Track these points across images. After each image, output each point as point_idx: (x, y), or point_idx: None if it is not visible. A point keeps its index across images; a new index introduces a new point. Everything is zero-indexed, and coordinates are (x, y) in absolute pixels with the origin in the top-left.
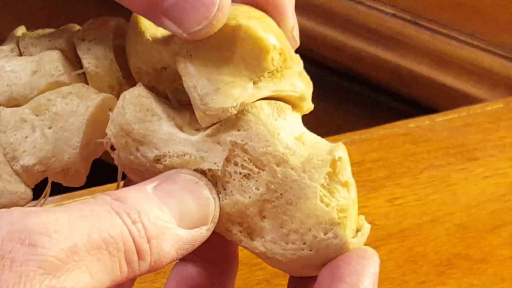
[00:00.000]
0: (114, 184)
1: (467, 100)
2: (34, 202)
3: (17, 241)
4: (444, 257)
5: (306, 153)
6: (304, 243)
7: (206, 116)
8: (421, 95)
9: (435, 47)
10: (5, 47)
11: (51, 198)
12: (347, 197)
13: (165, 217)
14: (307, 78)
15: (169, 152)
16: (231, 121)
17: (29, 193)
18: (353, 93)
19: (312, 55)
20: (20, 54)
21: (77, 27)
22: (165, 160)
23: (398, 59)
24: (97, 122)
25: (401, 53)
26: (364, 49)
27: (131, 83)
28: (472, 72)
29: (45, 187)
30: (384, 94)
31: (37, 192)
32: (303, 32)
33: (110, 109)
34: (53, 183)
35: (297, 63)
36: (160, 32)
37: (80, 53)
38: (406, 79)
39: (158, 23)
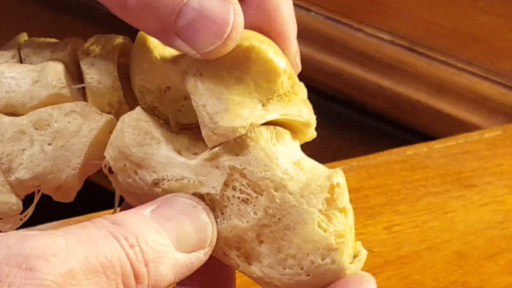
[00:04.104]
0: (112, 210)
1: (465, 127)
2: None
3: (14, 265)
4: (442, 285)
5: (304, 178)
6: (302, 268)
7: (214, 135)
8: (419, 122)
9: (432, 74)
10: (6, 53)
11: (49, 224)
12: (344, 223)
13: (163, 241)
14: (310, 105)
15: (167, 175)
16: (230, 145)
17: (20, 204)
18: (350, 120)
19: (310, 82)
20: (21, 61)
21: (81, 40)
22: (164, 184)
23: (396, 86)
24: (98, 143)
25: (398, 80)
26: (362, 76)
27: (131, 102)
28: (469, 99)
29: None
30: (382, 121)
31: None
32: (300, 59)
33: (111, 131)
34: (45, 198)
35: (302, 90)
36: (168, 50)
37: (83, 67)
38: (404, 106)
39: (170, 44)
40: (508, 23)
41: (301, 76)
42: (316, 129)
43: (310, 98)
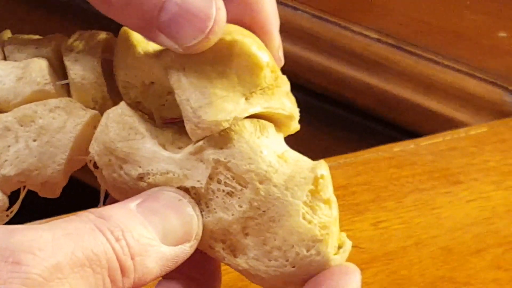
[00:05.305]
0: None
1: (451, 124)
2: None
3: (0, 259)
4: (429, 280)
5: (288, 170)
6: (287, 260)
7: (198, 129)
8: (406, 119)
9: (419, 71)
10: None
11: (36, 222)
12: (329, 214)
13: (149, 234)
14: (293, 98)
15: (152, 170)
16: (214, 139)
17: (6, 201)
18: (337, 118)
19: (296, 80)
20: (5, 59)
21: (64, 37)
22: (149, 178)
23: (383, 84)
24: (83, 139)
25: (385, 77)
26: (349, 74)
27: (115, 98)
28: (456, 96)
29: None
30: (369, 118)
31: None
32: (288, 57)
33: (96, 126)
34: (30, 195)
35: (285, 83)
36: (151, 45)
37: (67, 64)
38: (391, 103)
39: (153, 39)
40: (494, 20)
41: (288, 74)
42: (304, 127)
43: (297, 96)
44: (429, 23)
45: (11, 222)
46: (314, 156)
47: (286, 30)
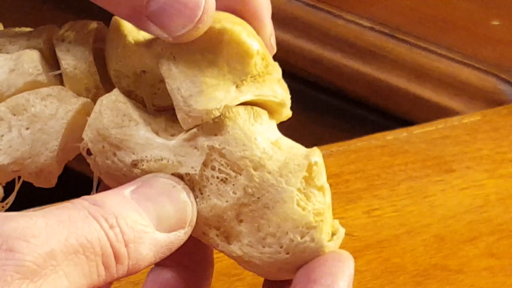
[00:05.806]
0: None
1: (444, 112)
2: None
3: None
4: (422, 268)
5: (282, 157)
6: (281, 247)
7: (189, 118)
8: (399, 107)
9: (412, 60)
10: None
11: (30, 209)
12: (322, 201)
13: (143, 221)
14: (285, 85)
15: (146, 156)
16: (208, 126)
17: (0, 191)
18: (330, 106)
19: (290, 68)
20: None
21: (55, 27)
22: (143, 165)
23: (376, 72)
24: (75, 126)
25: (378, 66)
26: (342, 62)
27: (108, 87)
28: (449, 85)
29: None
30: (362, 107)
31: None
32: (280, 45)
33: (88, 114)
34: (24, 184)
35: (277, 70)
36: (142, 35)
37: (59, 54)
38: (384, 92)
39: (143, 28)
40: (488, 9)
41: (280, 63)
42: (296, 115)
43: (289, 84)
44: (422, 12)
45: (6, 211)
46: (306, 144)
47: (278, 18)
